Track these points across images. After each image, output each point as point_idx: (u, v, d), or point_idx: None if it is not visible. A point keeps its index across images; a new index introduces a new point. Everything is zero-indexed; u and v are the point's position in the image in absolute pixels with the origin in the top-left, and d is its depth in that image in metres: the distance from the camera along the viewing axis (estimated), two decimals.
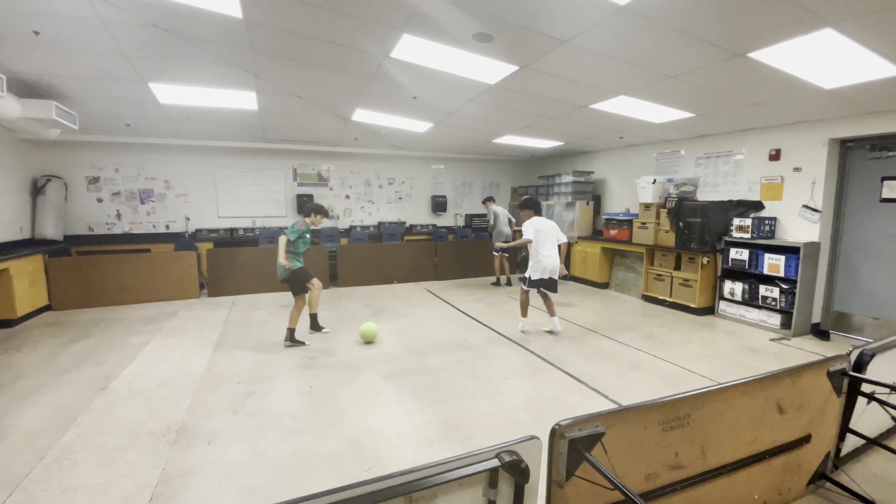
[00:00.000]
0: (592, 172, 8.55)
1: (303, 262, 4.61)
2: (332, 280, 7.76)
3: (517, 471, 1.23)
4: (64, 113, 5.02)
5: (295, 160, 8.82)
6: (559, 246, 4.94)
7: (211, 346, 4.48)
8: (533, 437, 1.28)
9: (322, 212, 4.56)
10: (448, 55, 3.73)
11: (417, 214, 10.01)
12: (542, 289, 4.88)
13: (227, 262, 7.02)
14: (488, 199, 8.16)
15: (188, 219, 8.12)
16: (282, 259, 4.32)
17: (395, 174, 9.70)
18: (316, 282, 4.60)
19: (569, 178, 8.38)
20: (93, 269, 6.21)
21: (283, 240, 4.38)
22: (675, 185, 6.62)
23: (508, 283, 7.90)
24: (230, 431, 2.79)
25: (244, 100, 5.29)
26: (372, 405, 3.15)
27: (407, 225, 9.78)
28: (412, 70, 4.15)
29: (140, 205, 7.84)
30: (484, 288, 7.47)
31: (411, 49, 3.63)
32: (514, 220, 7.94)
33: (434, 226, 9.98)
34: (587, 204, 8.30)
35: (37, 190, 6.85)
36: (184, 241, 7.81)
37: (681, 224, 6.10)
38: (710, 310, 5.97)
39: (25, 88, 4.75)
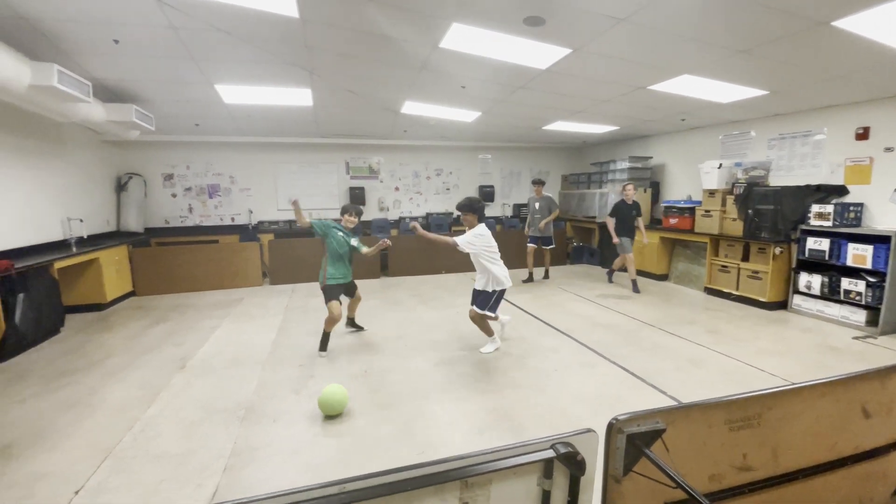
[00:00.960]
0: (650, 158, 8.12)
1: (341, 272, 4.14)
2: (383, 270, 7.96)
3: (573, 463, 1.21)
4: (142, 115, 5.48)
5: (347, 154, 9.08)
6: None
7: (274, 330, 4.76)
8: (589, 431, 1.26)
9: (351, 210, 4.16)
10: (497, 42, 3.67)
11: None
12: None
13: (286, 253, 7.40)
14: (538, 182, 7.19)
15: (251, 211, 8.63)
16: (297, 217, 4.09)
17: (443, 165, 9.73)
18: (333, 308, 3.98)
19: (624, 165, 8.02)
20: (169, 259, 6.78)
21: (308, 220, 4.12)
22: (743, 170, 6.15)
23: (546, 277, 7.40)
24: (293, 411, 2.97)
25: (300, 97, 5.50)
26: (423, 392, 3.23)
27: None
28: (461, 59, 4.13)
29: (209, 199, 8.43)
30: (534, 278, 7.36)
31: (460, 38, 3.61)
32: (555, 205, 7.21)
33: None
34: (644, 191, 7.91)
35: (120, 186, 7.55)
36: (247, 232, 8.33)
37: (750, 211, 5.66)
38: (782, 304, 5.52)
39: (108, 93, 5.22)
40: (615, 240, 6.50)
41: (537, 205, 7.09)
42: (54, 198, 5.71)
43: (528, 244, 7.19)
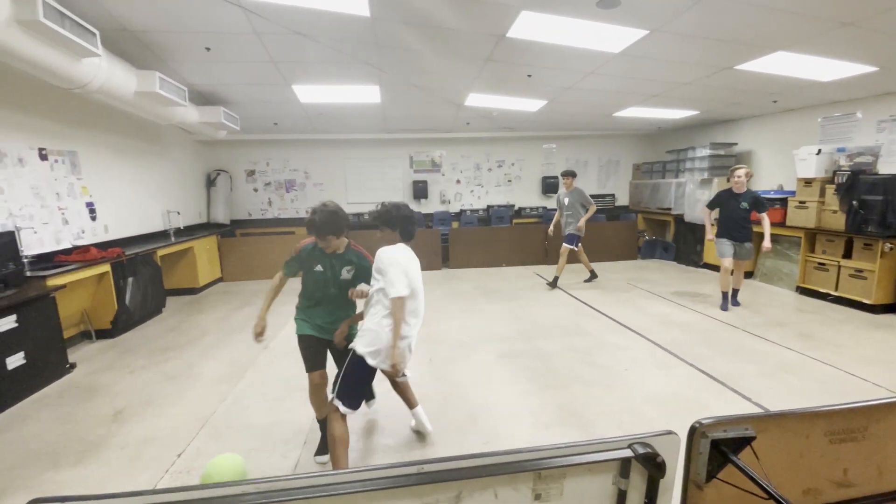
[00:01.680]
0: (735, 144, 7.45)
1: (318, 318, 2.48)
2: (444, 262, 8.07)
3: (652, 464, 1.17)
4: (229, 116, 5.97)
5: (411, 148, 9.26)
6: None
7: None
8: (669, 432, 1.21)
9: (335, 228, 2.30)
10: (568, 27, 3.55)
11: (527, 196, 9.83)
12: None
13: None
14: (569, 175, 6.19)
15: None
16: (261, 314, 2.50)
17: (505, 156, 9.62)
18: (314, 379, 2.48)
19: (705, 152, 7.43)
20: (251, 249, 7.37)
21: (275, 279, 2.55)
22: (847, 156, 5.46)
23: (593, 276, 6.41)
24: None
25: (369, 94, 5.69)
26: (487, 383, 3.25)
27: (516, 207, 9.68)
28: (528, 48, 4.05)
29: (286, 193, 9.03)
30: (600, 273, 7.09)
31: (529, 26, 3.54)
32: (588, 201, 6.10)
33: (544, 208, 9.72)
34: (728, 180, 7.26)
35: (210, 182, 8.31)
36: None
37: (854, 203, 5.02)
38: (891, 307, 4.87)
39: (200, 97, 5.74)
40: (709, 236, 5.22)
41: (567, 200, 6.16)
42: (155, 192, 6.41)
43: (566, 245, 6.13)
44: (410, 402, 2.59)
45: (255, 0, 3.20)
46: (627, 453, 1.19)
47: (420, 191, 9.20)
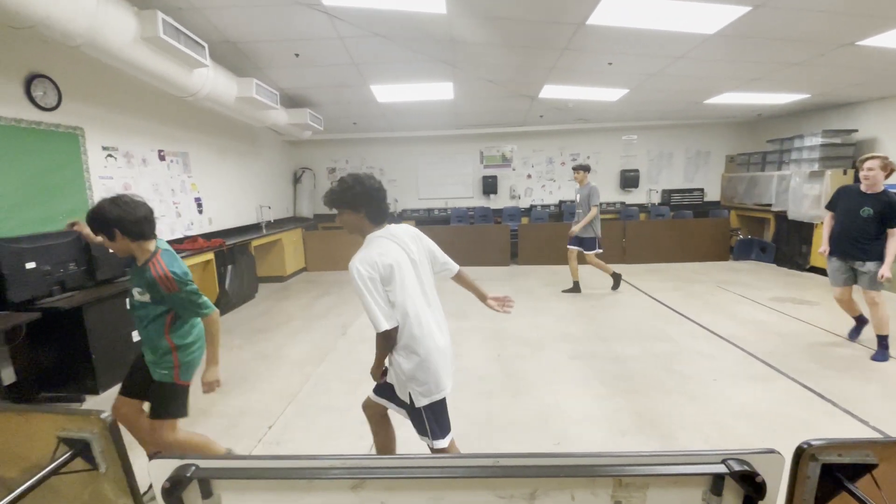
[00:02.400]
0: (855, 131, 6.49)
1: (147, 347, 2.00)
2: (513, 258, 7.97)
3: (751, 484, 1.07)
4: (314, 117, 6.38)
5: (482, 143, 9.25)
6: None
7: None
8: (772, 451, 1.10)
9: (108, 223, 1.79)
10: (655, 9, 3.32)
11: (603, 191, 9.28)
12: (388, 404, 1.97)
13: None
14: (581, 169, 5.52)
15: (396, 200, 9.44)
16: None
17: (580, 149, 9.24)
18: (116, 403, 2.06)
19: (815, 141, 6.56)
20: (332, 241, 7.85)
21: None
22: None
23: (617, 280, 5.74)
24: None
25: (442, 90, 5.78)
26: (557, 383, 3.18)
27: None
28: (610, 34, 3.85)
29: None
30: (682, 274, 6.59)
31: (611, 11, 3.37)
32: (593, 200, 5.42)
33: (623, 203, 9.21)
34: (844, 173, 6.36)
35: (296, 179, 8.97)
36: (393, 219, 9.08)
37: None
38: None
39: (289, 100, 6.19)
40: (820, 248, 3.67)
41: (578, 196, 5.57)
42: (250, 189, 7.05)
43: (587, 253, 5.60)
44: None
45: (339, 6, 3.39)
46: (721, 469, 1.10)
47: (490, 186, 9.16)
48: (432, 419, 1.75)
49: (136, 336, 3.63)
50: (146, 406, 2.02)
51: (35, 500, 1.14)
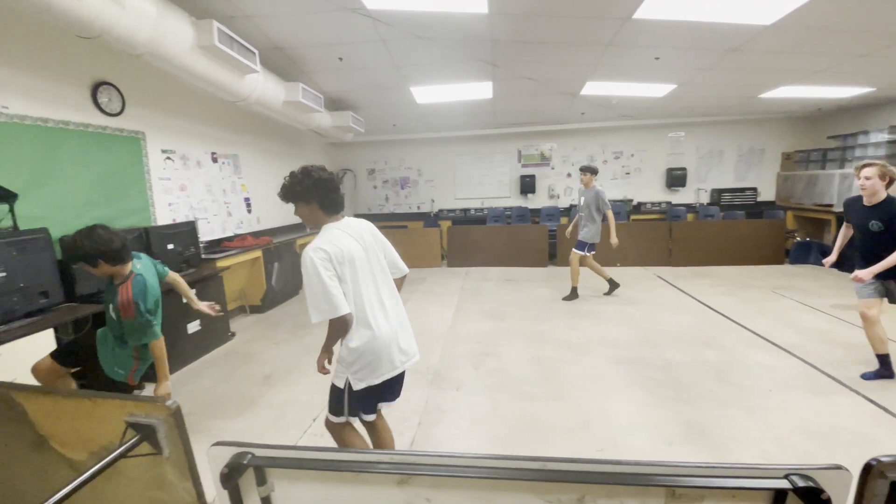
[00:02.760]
0: None
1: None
2: (551, 259, 7.83)
3: (815, 501, 1.00)
4: (356, 120, 6.53)
5: (520, 142, 9.15)
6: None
7: (453, 307, 5.20)
8: (838, 467, 1.03)
9: (94, 256, 2.06)
10: (706, 0, 3.17)
11: (648, 190, 9.04)
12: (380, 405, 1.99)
13: (461, 238, 7.94)
14: (588, 171, 5.32)
15: (433, 200, 9.51)
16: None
17: (623, 147, 8.96)
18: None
19: (881, 137, 6.07)
20: None
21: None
22: None
23: (613, 287, 5.52)
24: (473, 383, 3.21)
25: (481, 90, 5.76)
26: (601, 388, 3.09)
27: (634, 203, 8.97)
28: (658, 27, 3.71)
29: (400, 190, 9.62)
30: (735, 279, 6.25)
31: (659, 4, 3.24)
32: (605, 205, 5.25)
33: (669, 203, 8.84)
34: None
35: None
36: (430, 219, 9.22)
37: None
38: None
39: (332, 103, 6.36)
40: (830, 258, 3.48)
41: (583, 199, 5.33)
42: None
43: (575, 251, 5.38)
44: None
45: (383, 9, 3.45)
46: (784, 484, 1.04)
47: (527, 185, 9.05)
48: (358, 400, 1.83)
49: (190, 328, 3.86)
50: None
51: (102, 481, 1.22)
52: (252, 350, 4.12)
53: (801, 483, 1.05)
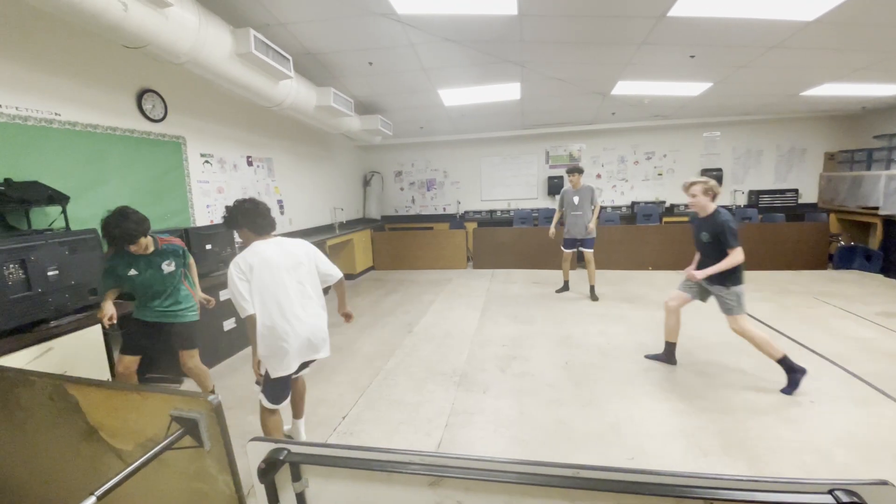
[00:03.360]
0: None
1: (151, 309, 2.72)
2: (579, 261, 7.69)
3: None
4: (385, 123, 6.62)
5: (548, 143, 9.05)
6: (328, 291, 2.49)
7: (478, 310, 5.19)
8: (884, 483, 0.99)
9: (128, 235, 2.42)
10: None
11: (681, 192, 8.75)
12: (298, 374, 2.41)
13: (487, 240, 7.92)
14: (576, 171, 5.45)
15: (459, 202, 9.52)
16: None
17: (655, 147, 8.73)
18: (122, 361, 2.70)
19: None
20: (398, 242, 8.09)
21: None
22: None
23: (594, 297, 5.54)
24: (500, 386, 3.20)
25: (509, 91, 5.74)
26: (631, 394, 3.02)
27: (667, 205, 8.73)
28: (694, 25, 3.61)
29: (427, 192, 9.68)
30: (774, 284, 5.99)
31: (695, 1, 3.15)
32: (596, 203, 5.43)
33: None
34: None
35: (365, 182, 9.35)
36: (455, 221, 9.23)
37: None
38: None
39: (361, 107, 6.46)
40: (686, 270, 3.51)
41: (576, 199, 5.40)
42: (325, 191, 7.46)
43: (564, 249, 5.75)
44: (297, 413, 2.60)
45: (412, 13, 3.48)
46: (828, 500, 1.00)
47: (555, 187, 8.93)
48: (274, 388, 2.20)
49: (226, 325, 4.00)
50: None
51: (149, 472, 1.29)
52: None
53: (845, 499, 1.01)
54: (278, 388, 2.20)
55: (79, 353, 2.72)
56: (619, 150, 8.87)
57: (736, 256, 3.05)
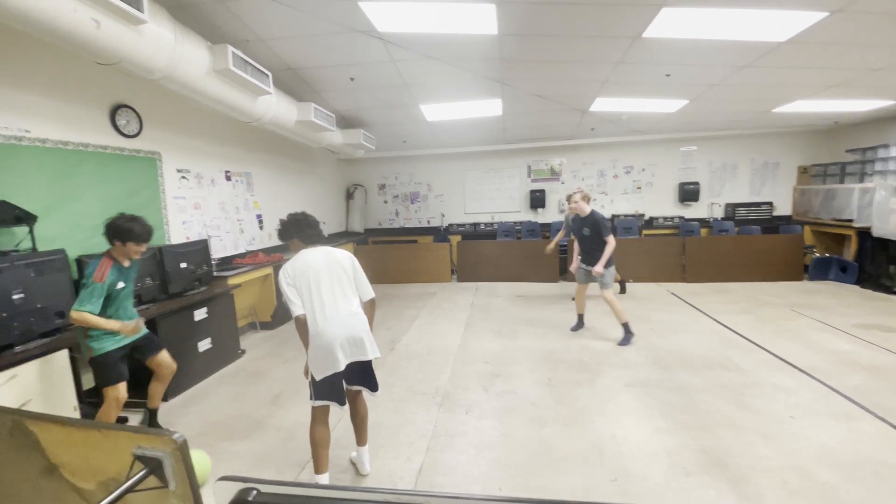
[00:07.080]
0: None
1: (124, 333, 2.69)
2: (562, 274, 7.74)
3: None
4: (367, 137, 6.61)
5: (529, 157, 9.15)
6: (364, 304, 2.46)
7: (462, 325, 5.16)
8: None
9: (133, 236, 2.61)
10: (718, 19, 3.16)
11: (660, 205, 8.95)
12: (351, 387, 2.41)
13: (472, 253, 7.92)
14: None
15: (443, 215, 9.52)
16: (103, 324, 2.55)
17: (634, 161, 8.91)
18: (120, 390, 2.70)
19: None
20: (381, 255, 8.03)
21: (81, 316, 2.46)
22: None
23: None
24: (482, 406, 3.16)
25: (491, 107, 5.80)
26: (614, 412, 3.02)
27: (646, 217, 8.88)
28: (668, 46, 3.71)
29: (410, 204, 9.66)
30: (750, 296, 6.11)
31: (669, 23, 3.25)
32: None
33: (681, 218, 8.73)
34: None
35: (348, 195, 9.29)
36: (439, 234, 9.22)
37: None
38: None
39: (343, 121, 6.45)
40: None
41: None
42: (307, 205, 7.36)
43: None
44: (361, 438, 2.50)
45: (393, 32, 3.50)
46: None
47: (537, 200, 9.02)
48: (319, 389, 2.25)
49: (201, 346, 3.88)
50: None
51: None
52: (261, 368, 4.12)
53: None
54: (323, 389, 2.25)
55: (45, 379, 2.59)
56: (599, 164, 9.02)
57: (612, 242, 4.26)
